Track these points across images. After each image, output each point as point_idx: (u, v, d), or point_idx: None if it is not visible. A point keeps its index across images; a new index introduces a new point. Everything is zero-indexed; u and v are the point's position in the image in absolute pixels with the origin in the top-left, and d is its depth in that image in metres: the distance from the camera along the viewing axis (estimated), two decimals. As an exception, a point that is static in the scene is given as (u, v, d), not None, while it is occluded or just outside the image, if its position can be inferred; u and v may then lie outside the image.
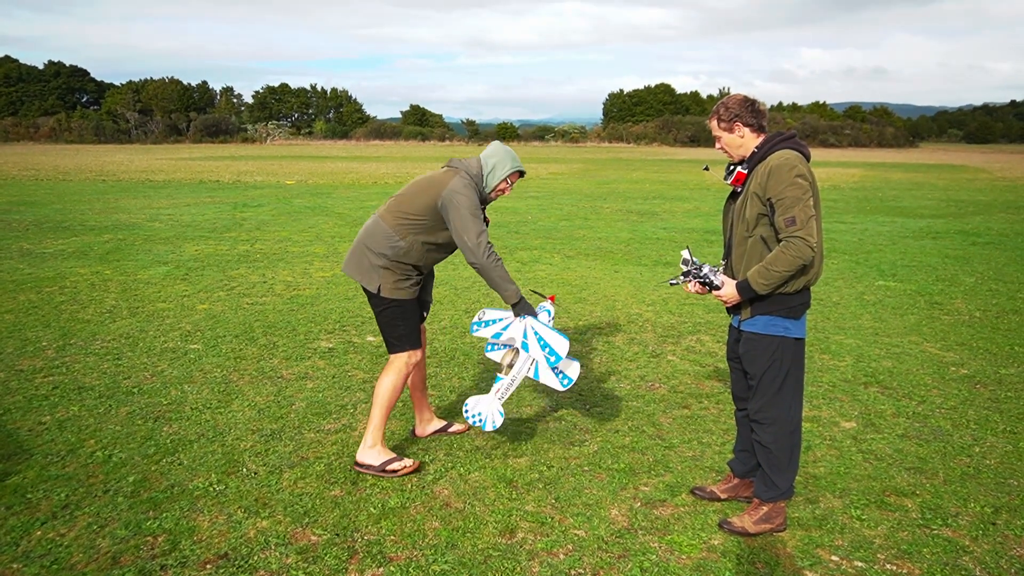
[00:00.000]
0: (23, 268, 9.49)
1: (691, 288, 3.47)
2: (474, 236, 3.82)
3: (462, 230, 3.82)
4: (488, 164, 3.97)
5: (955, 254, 11.50)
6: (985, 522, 3.53)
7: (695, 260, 3.43)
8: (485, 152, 4.04)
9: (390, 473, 3.91)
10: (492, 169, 3.97)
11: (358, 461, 3.97)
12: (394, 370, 4.00)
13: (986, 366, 5.91)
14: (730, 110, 3.31)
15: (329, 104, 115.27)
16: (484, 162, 3.98)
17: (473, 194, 3.87)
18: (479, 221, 3.86)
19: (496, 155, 4.00)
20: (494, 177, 3.98)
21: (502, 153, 4.01)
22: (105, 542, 3.28)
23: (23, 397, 4.99)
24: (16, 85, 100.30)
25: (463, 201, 3.82)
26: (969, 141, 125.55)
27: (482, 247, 3.83)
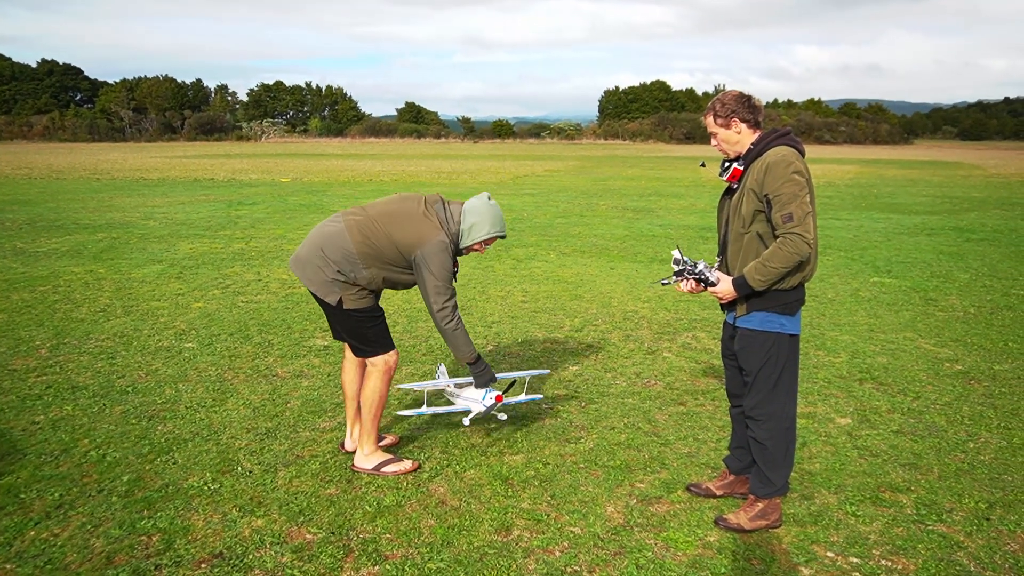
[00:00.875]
0: (16, 267, 9.45)
1: (683, 287, 3.47)
2: (441, 302, 3.80)
3: (432, 293, 3.80)
4: (467, 221, 3.88)
5: (950, 250, 11.53)
6: (979, 518, 3.54)
7: (687, 259, 3.42)
8: (468, 206, 3.93)
9: (386, 474, 3.91)
10: (470, 228, 3.88)
11: (355, 465, 3.98)
12: (375, 375, 3.95)
13: (980, 362, 5.92)
14: (726, 106, 3.31)
15: (324, 102, 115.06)
16: (464, 218, 3.89)
17: (448, 258, 3.82)
18: (449, 286, 3.82)
19: (478, 215, 3.89)
20: (470, 237, 3.90)
21: (485, 214, 3.89)
22: (99, 542, 3.27)
23: (16, 396, 4.97)
24: (9, 83, 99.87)
25: (436, 265, 3.77)
26: (963, 138, 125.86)
27: (446, 313, 3.82)
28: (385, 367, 3.96)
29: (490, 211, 3.91)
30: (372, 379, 3.96)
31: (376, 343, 3.94)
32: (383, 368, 3.95)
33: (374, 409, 3.95)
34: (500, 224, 3.94)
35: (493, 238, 3.93)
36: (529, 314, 7.33)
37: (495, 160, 43.09)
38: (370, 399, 3.94)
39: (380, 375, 3.95)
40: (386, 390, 3.98)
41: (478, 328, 6.79)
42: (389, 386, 4.01)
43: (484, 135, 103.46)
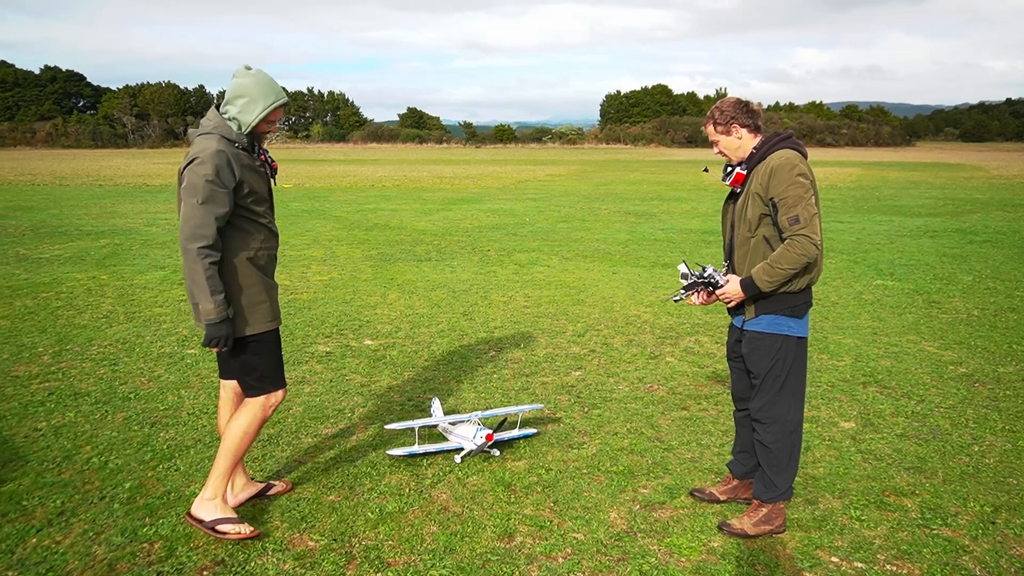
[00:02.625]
0: (19, 274, 9.46)
1: (695, 300, 3.47)
2: (188, 216, 3.09)
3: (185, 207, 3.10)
4: (237, 105, 3.23)
5: (953, 253, 11.50)
6: (985, 521, 3.52)
7: (693, 272, 3.43)
8: (230, 90, 3.25)
9: (219, 534, 3.31)
10: (243, 109, 3.23)
11: (191, 512, 3.39)
12: (248, 413, 3.38)
13: (984, 364, 5.90)
14: (725, 113, 3.32)
15: (326, 107, 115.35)
16: (231, 103, 3.24)
17: (214, 157, 3.08)
18: (211, 200, 3.07)
19: (245, 89, 3.23)
20: (251, 117, 3.23)
21: (253, 87, 3.23)
22: (101, 549, 3.26)
23: (19, 403, 4.97)
24: (12, 90, 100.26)
25: (198, 169, 3.09)
26: (965, 139, 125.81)
27: (195, 235, 3.06)
28: (263, 409, 3.40)
29: (256, 80, 3.24)
30: (243, 416, 3.39)
31: (264, 380, 3.39)
32: (259, 409, 3.39)
33: (234, 450, 3.37)
34: (275, 88, 3.27)
35: (277, 108, 3.28)
36: (531, 319, 7.32)
37: (497, 165, 43.13)
38: (233, 438, 3.36)
39: (254, 416, 3.39)
40: (255, 434, 3.43)
41: (480, 333, 6.79)
42: (260, 430, 3.45)
43: (486, 140, 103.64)
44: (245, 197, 3.22)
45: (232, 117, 3.25)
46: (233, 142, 3.21)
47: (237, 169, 3.16)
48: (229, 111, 3.25)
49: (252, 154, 3.31)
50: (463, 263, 10.45)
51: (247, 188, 3.22)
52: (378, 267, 10.12)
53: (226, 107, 3.26)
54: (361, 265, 10.28)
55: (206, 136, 3.19)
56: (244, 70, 3.29)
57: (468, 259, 10.80)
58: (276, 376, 3.44)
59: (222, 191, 3.11)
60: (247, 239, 3.27)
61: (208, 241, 3.08)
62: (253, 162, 3.30)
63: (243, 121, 3.24)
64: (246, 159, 3.25)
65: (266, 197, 3.38)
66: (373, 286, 8.84)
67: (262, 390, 3.39)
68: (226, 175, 3.12)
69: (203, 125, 3.25)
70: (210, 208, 3.08)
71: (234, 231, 3.22)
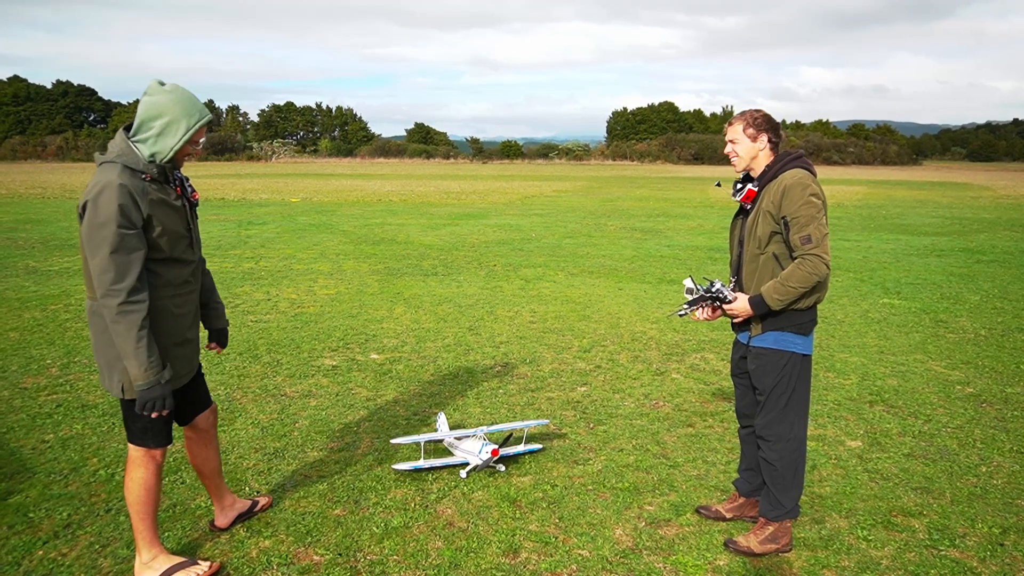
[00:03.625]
0: (29, 286, 9.53)
1: (700, 315, 3.48)
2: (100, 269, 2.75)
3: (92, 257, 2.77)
4: (156, 126, 2.86)
5: (960, 272, 11.47)
6: (993, 543, 3.50)
7: (699, 287, 3.44)
8: (144, 109, 2.87)
9: None
10: (164, 130, 2.86)
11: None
12: (138, 467, 3.07)
13: (992, 385, 5.87)
14: (759, 121, 3.34)
15: (334, 122, 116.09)
16: (146, 126, 2.87)
17: (116, 197, 2.72)
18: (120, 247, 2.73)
19: (165, 108, 2.86)
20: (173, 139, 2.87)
21: (174, 105, 2.87)
22: (107, 562, 3.26)
23: (27, 415, 4.99)
24: (24, 104, 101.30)
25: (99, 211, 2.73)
26: (972, 159, 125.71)
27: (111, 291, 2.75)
28: (148, 459, 3.09)
29: (175, 97, 2.89)
30: (132, 470, 3.10)
31: (145, 433, 3.06)
32: (142, 459, 3.09)
33: (141, 508, 3.10)
34: (197, 105, 2.93)
35: (202, 128, 2.94)
36: (537, 334, 7.33)
37: (504, 180, 43.28)
38: (133, 496, 3.08)
39: (141, 465, 3.09)
40: (155, 481, 3.11)
41: (486, 348, 6.79)
42: (158, 477, 3.13)
43: (493, 155, 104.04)
44: (156, 237, 2.85)
45: (144, 141, 2.86)
46: (140, 172, 2.82)
47: (143, 204, 2.79)
48: (143, 136, 2.87)
49: (165, 185, 2.92)
50: (469, 278, 10.48)
51: (157, 226, 2.84)
52: (385, 281, 10.15)
53: (139, 132, 2.87)
54: (368, 279, 10.31)
55: (107, 166, 2.81)
56: (158, 86, 2.90)
57: (474, 274, 10.83)
58: (160, 433, 3.07)
59: (132, 232, 2.75)
60: (160, 283, 2.92)
61: (127, 295, 2.75)
62: (166, 195, 2.91)
63: (163, 147, 2.86)
64: (155, 192, 2.85)
65: (184, 233, 2.99)
66: (379, 300, 8.87)
67: (144, 443, 3.05)
68: (132, 213, 2.75)
69: (108, 151, 2.87)
70: (120, 254, 2.73)
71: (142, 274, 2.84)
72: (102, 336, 2.94)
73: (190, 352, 3.16)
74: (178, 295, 3.02)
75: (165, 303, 2.96)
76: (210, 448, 3.46)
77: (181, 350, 3.08)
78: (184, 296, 3.06)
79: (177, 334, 3.04)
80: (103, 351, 2.95)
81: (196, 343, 3.21)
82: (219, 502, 3.56)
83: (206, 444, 3.43)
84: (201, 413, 3.38)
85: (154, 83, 2.92)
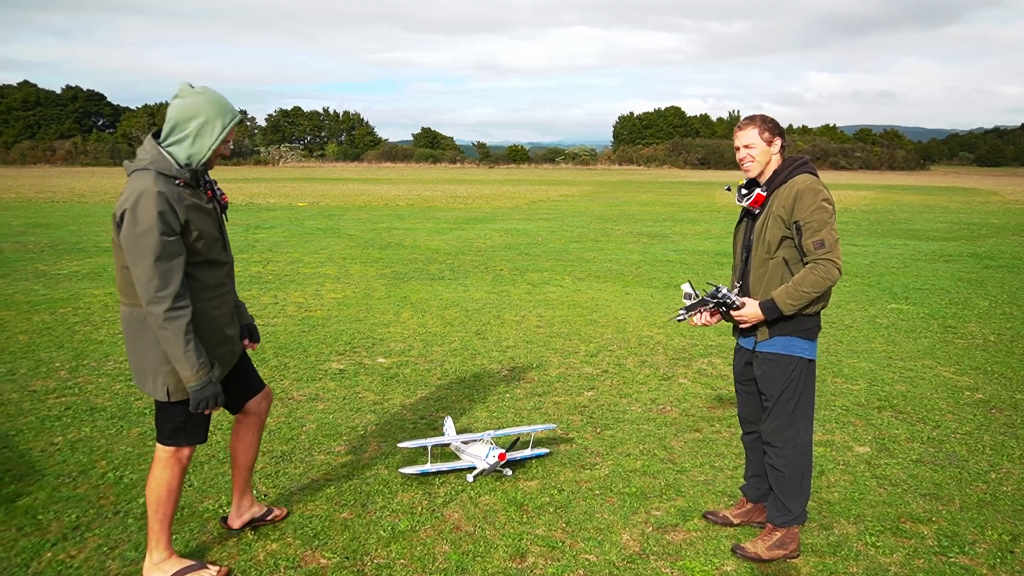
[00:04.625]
0: (38, 289, 9.58)
1: (697, 321, 3.46)
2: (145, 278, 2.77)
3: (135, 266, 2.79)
4: (191, 127, 2.89)
5: (968, 277, 11.42)
6: (1003, 550, 3.48)
7: (697, 292, 3.44)
8: (178, 111, 2.89)
9: None
10: (199, 131, 2.90)
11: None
12: (163, 468, 3.09)
13: (1001, 391, 5.84)
14: (772, 125, 3.34)
15: (341, 127, 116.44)
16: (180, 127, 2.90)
17: (155, 205, 2.75)
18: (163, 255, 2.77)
19: (199, 109, 2.90)
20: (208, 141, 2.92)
21: (205, 105, 2.92)
22: (115, 564, 3.27)
23: (36, 417, 5.02)
24: (34, 109, 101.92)
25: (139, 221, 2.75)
26: (980, 164, 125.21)
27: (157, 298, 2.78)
28: (174, 461, 3.11)
29: (208, 98, 2.94)
30: (157, 470, 3.11)
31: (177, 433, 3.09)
32: (169, 460, 3.11)
33: (159, 508, 3.11)
34: (229, 104, 2.99)
35: (234, 127, 3.00)
36: (544, 339, 7.33)
37: (510, 185, 43.32)
38: (154, 495, 3.10)
39: (166, 466, 3.11)
40: (177, 483, 3.13)
41: (493, 352, 6.79)
42: (181, 480, 3.15)
43: (499, 160, 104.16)
44: (193, 241, 2.90)
45: (179, 143, 2.89)
46: (173, 179, 2.85)
47: (180, 210, 2.82)
48: (178, 138, 2.90)
49: (197, 189, 2.96)
50: (476, 282, 10.48)
51: (194, 231, 2.89)
52: (391, 285, 10.17)
53: (172, 135, 2.90)
54: (375, 283, 10.33)
55: (140, 173, 2.83)
56: (189, 88, 2.94)
57: (481, 278, 10.83)
58: (195, 432, 3.10)
59: (172, 239, 2.79)
60: (197, 287, 2.96)
61: (173, 301, 2.79)
62: (199, 199, 2.95)
63: (201, 147, 2.91)
64: (189, 197, 2.89)
65: (217, 236, 3.04)
66: (386, 304, 8.88)
67: (174, 443, 3.08)
68: (171, 220, 2.78)
69: (138, 158, 2.89)
70: (164, 262, 2.77)
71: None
72: (140, 341, 2.96)
73: (230, 349, 3.21)
74: (216, 296, 3.07)
75: (204, 306, 2.99)
76: (255, 437, 3.50)
77: (221, 349, 3.13)
78: (221, 297, 3.12)
79: (217, 334, 3.09)
80: (144, 355, 2.97)
81: (236, 337, 3.27)
82: (238, 500, 3.56)
83: (253, 431, 3.48)
84: (252, 398, 3.44)
85: (185, 86, 2.96)
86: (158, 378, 2.97)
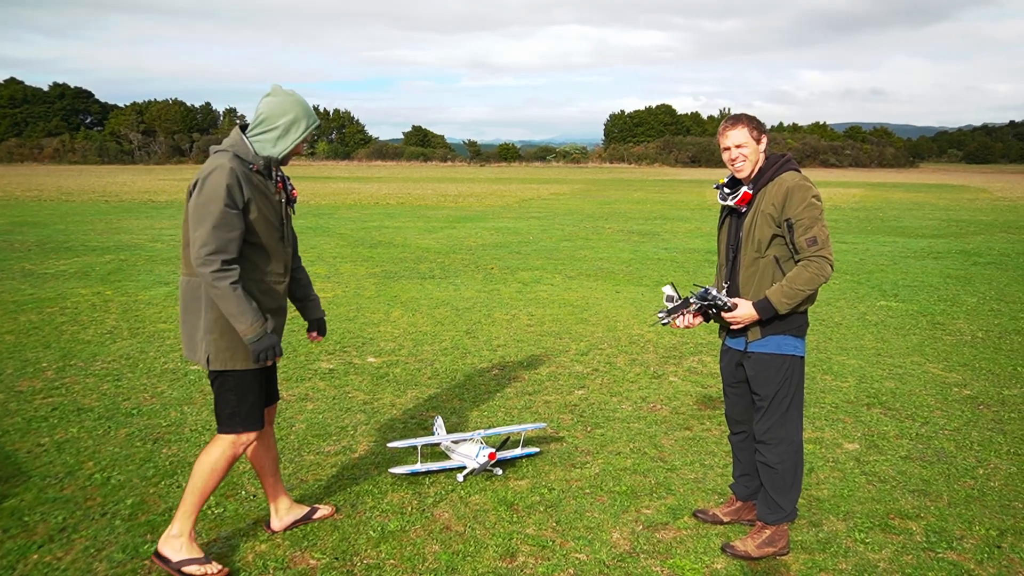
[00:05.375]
0: (25, 288, 9.50)
1: (680, 323, 3.45)
2: (200, 241, 2.95)
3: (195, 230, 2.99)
4: (281, 121, 3.12)
5: (957, 274, 11.49)
6: (990, 545, 3.50)
7: (679, 294, 3.43)
8: (270, 107, 3.13)
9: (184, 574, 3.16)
10: (289, 127, 3.13)
11: (158, 551, 3.22)
12: (218, 449, 3.20)
13: (989, 387, 5.88)
14: (759, 123, 3.35)
15: (332, 125, 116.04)
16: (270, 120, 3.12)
17: (225, 177, 2.96)
18: (222, 223, 2.94)
19: (291, 107, 3.13)
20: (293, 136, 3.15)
21: (295, 105, 3.15)
22: (102, 566, 3.25)
23: (22, 418, 4.98)
24: (21, 106, 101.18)
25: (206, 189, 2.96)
26: (969, 161, 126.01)
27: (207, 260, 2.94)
28: (232, 447, 3.22)
29: (296, 99, 3.16)
30: (212, 453, 3.22)
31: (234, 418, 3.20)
32: (228, 447, 3.21)
33: (201, 488, 3.20)
34: (312, 111, 3.23)
35: (313, 131, 3.24)
36: (535, 337, 7.32)
37: (501, 183, 43.30)
38: (202, 475, 3.19)
39: (223, 453, 3.21)
40: (225, 471, 3.24)
41: (484, 351, 6.78)
42: (230, 468, 3.27)
43: (490, 158, 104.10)
44: (252, 222, 3.06)
45: (266, 133, 3.10)
46: (248, 163, 3.06)
47: (247, 188, 3.01)
48: (266, 130, 3.11)
49: (268, 179, 3.15)
50: (467, 281, 10.47)
51: (255, 212, 3.06)
52: (382, 284, 10.14)
53: (258, 127, 3.12)
54: (365, 282, 10.30)
55: (220, 153, 3.07)
56: (281, 89, 3.17)
57: (472, 277, 10.82)
58: (249, 417, 3.19)
59: (233, 212, 2.96)
60: (248, 267, 3.09)
61: (222, 264, 2.94)
62: (267, 187, 3.14)
63: (288, 141, 3.12)
64: (258, 181, 3.09)
65: (277, 226, 3.20)
66: (377, 303, 8.86)
67: (232, 429, 3.18)
68: (236, 194, 2.97)
69: (223, 143, 3.14)
70: (222, 230, 2.94)
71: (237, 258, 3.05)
72: (190, 311, 3.15)
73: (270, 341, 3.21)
74: (263, 282, 3.17)
75: (252, 286, 3.11)
76: (269, 442, 3.53)
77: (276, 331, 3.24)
78: (270, 285, 3.21)
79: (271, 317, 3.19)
80: (192, 324, 3.15)
81: (279, 332, 3.31)
82: (274, 503, 3.57)
83: (265, 438, 3.49)
84: (269, 406, 3.47)
85: (277, 86, 3.20)
86: (200, 346, 3.13)
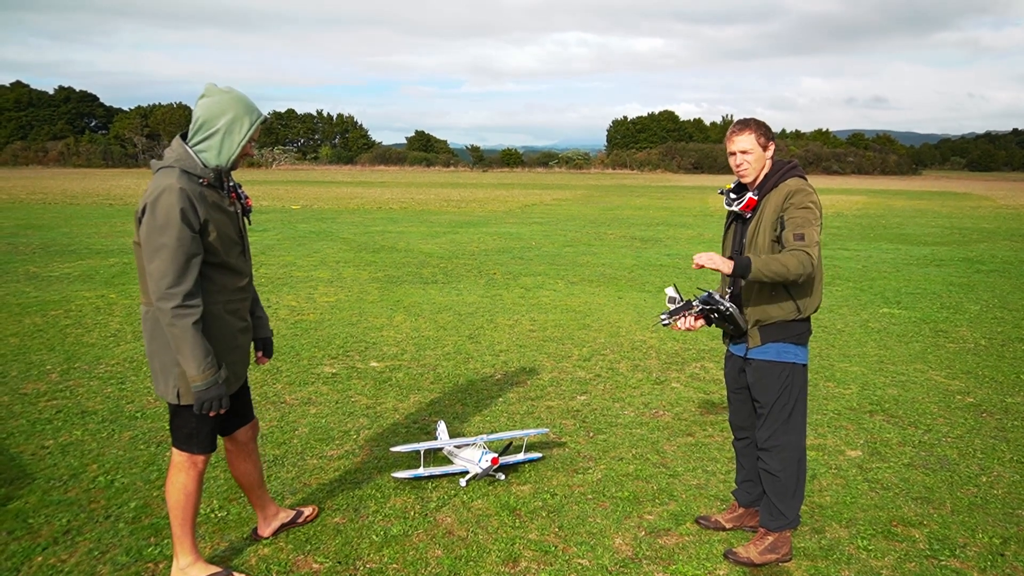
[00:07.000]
0: (29, 291, 9.53)
1: (682, 325, 3.45)
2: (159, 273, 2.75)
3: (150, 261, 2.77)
4: (219, 123, 2.89)
5: (959, 282, 11.48)
6: (994, 553, 3.50)
7: (681, 296, 3.44)
8: (207, 109, 2.90)
9: None
10: (229, 127, 2.91)
11: None
12: (181, 473, 3.07)
13: (992, 394, 5.87)
14: (767, 129, 3.35)
15: (335, 130, 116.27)
16: (208, 124, 2.89)
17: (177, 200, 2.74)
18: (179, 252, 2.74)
19: (228, 106, 2.91)
20: (237, 138, 2.93)
21: (233, 103, 2.93)
22: (106, 568, 3.26)
23: (27, 421, 4.99)
24: (26, 110, 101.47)
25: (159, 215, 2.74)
26: (972, 169, 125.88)
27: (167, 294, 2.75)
28: (190, 465, 3.08)
29: (234, 96, 2.95)
30: (174, 474, 3.09)
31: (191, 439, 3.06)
32: (185, 464, 3.08)
33: (180, 512, 3.09)
34: (253, 104, 3.00)
35: (260, 126, 3.01)
36: (537, 343, 7.33)
37: (504, 189, 43.34)
38: (174, 500, 3.08)
39: (182, 470, 3.08)
40: (195, 487, 3.10)
41: (486, 356, 6.79)
42: (199, 484, 3.12)
43: (493, 164, 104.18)
44: (211, 241, 2.87)
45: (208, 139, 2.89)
46: (198, 177, 2.85)
47: (201, 207, 2.81)
48: (207, 135, 2.90)
49: (220, 191, 2.95)
50: (469, 286, 10.49)
51: (212, 231, 2.87)
52: (385, 289, 10.16)
53: (199, 133, 2.90)
54: (368, 287, 10.32)
55: (165, 171, 2.83)
56: (215, 88, 2.95)
57: (474, 282, 10.83)
58: (207, 440, 3.07)
59: (189, 235, 2.76)
60: (212, 288, 2.93)
61: (183, 299, 2.76)
62: (221, 200, 2.95)
63: (231, 144, 2.91)
64: (212, 196, 2.90)
65: (237, 240, 3.03)
66: (379, 308, 8.87)
67: (188, 448, 3.05)
68: (191, 217, 2.77)
69: (165, 156, 2.90)
70: (180, 259, 2.75)
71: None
72: (155, 342, 2.95)
73: (240, 359, 3.15)
74: (231, 301, 3.03)
75: (217, 309, 2.96)
76: (250, 461, 3.42)
77: (232, 356, 3.08)
78: (237, 303, 3.07)
79: (229, 340, 3.04)
80: (158, 356, 2.96)
81: (247, 353, 3.22)
82: (262, 512, 3.54)
83: (246, 457, 3.40)
84: (242, 426, 3.35)
85: (210, 85, 2.97)
86: (169, 380, 2.95)
